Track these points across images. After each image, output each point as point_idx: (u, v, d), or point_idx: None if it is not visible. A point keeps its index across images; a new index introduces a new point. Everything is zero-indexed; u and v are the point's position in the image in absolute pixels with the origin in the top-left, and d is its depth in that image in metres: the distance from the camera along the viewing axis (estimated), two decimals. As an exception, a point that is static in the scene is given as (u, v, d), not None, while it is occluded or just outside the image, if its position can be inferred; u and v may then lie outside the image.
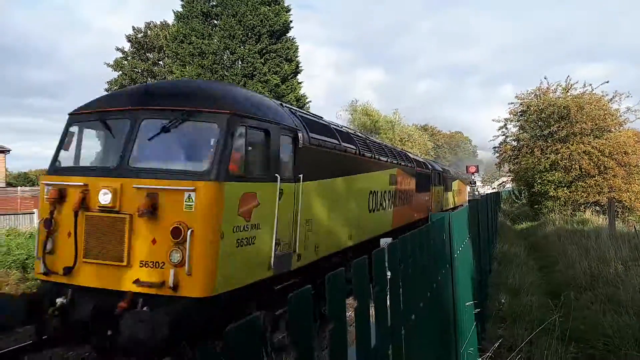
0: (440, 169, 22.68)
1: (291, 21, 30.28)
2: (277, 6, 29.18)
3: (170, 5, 55.19)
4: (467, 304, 4.42)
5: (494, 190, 38.92)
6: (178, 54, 28.24)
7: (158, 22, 38.77)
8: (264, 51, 28.49)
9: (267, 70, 28.21)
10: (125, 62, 37.44)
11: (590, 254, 10.40)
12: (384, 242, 2.65)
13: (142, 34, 38.40)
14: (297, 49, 30.51)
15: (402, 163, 13.81)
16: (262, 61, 28.27)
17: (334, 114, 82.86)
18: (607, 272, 8.83)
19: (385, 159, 11.62)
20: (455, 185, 28.79)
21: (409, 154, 17.17)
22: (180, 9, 29.08)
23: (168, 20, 36.51)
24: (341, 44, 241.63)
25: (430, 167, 19.69)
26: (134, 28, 38.58)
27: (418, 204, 16.25)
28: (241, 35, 27.97)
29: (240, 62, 28.25)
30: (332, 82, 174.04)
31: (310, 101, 31.96)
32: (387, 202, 11.69)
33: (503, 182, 36.49)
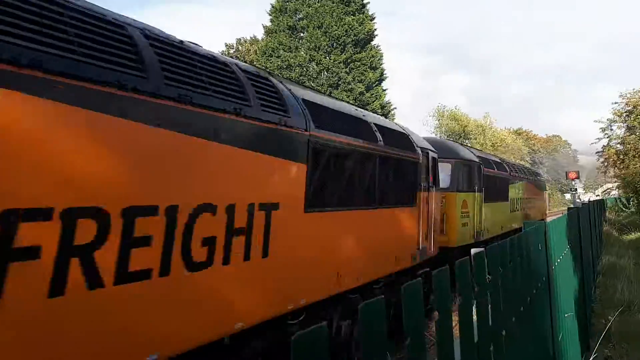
0: (474, 158, 12.03)
1: (375, 29, 30.35)
2: (361, 15, 29.42)
3: (261, 20, 57.71)
4: (566, 315, 4.13)
5: (598, 198, 36.10)
6: (267, 67, 29.32)
7: (248, 38, 40.67)
8: (349, 60, 28.81)
9: (352, 79, 28.48)
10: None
11: None
12: (474, 251, 2.56)
13: (234, 50, 40.42)
14: (382, 56, 30.49)
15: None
16: (347, 70, 28.59)
17: (421, 120, 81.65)
18: None
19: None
20: (518, 190, 16.94)
21: (280, 83, 4.89)
22: (269, 24, 30.24)
23: (257, 35, 38.14)
24: (427, 49, 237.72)
25: (422, 149, 8.11)
26: (226, 44, 40.83)
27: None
28: (326, 46, 28.52)
29: (325, 73, 28.75)
30: (418, 88, 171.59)
31: (395, 108, 31.73)
32: None
33: (608, 189, 33.56)
